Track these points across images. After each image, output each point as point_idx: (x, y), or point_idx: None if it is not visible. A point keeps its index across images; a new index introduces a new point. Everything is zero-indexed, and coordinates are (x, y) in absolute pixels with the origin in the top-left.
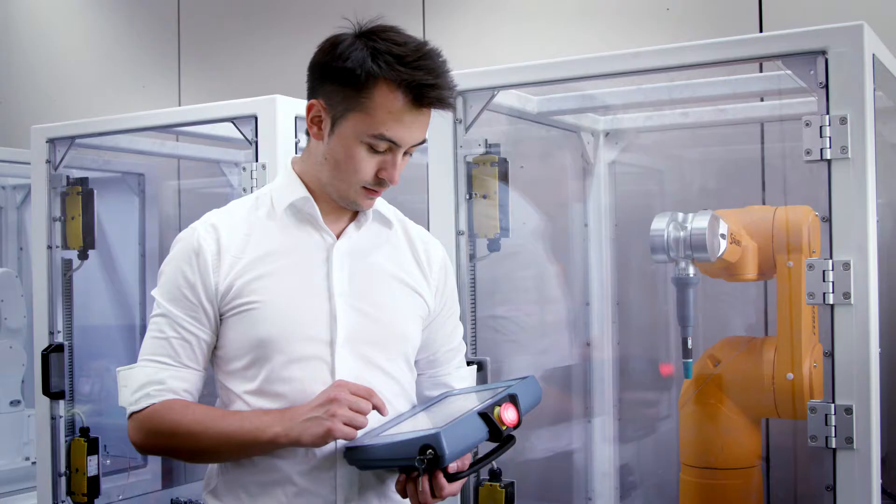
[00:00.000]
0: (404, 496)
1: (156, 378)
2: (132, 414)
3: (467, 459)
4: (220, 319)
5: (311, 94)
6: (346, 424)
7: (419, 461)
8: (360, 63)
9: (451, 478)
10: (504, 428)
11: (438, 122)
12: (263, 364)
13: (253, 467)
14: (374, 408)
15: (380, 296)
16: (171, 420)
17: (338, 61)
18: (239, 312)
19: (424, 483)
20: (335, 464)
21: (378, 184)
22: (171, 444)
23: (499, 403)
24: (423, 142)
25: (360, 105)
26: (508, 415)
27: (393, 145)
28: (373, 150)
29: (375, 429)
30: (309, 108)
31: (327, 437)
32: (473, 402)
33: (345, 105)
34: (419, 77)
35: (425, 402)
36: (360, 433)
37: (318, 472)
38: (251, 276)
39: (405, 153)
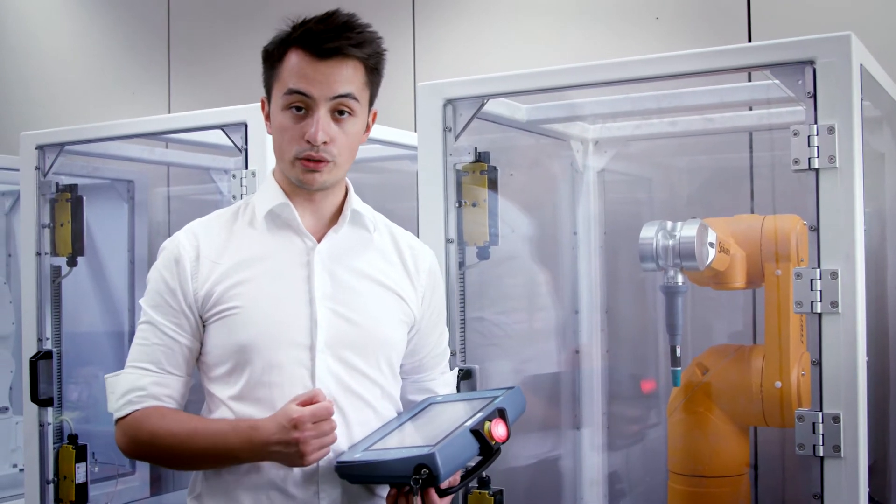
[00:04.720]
0: None
1: (138, 384)
2: (118, 420)
3: (458, 473)
4: (204, 326)
5: None
6: (317, 448)
7: (415, 481)
8: (274, 41)
9: (443, 493)
10: (494, 443)
11: (428, 130)
12: (244, 369)
13: (237, 473)
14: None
15: (361, 300)
16: (149, 429)
17: (264, 51)
18: (220, 318)
19: (417, 501)
20: (318, 471)
21: (308, 148)
22: (151, 452)
23: (489, 419)
24: (348, 96)
25: (276, 76)
26: (499, 430)
27: (306, 98)
28: (295, 113)
29: (363, 441)
30: (262, 109)
31: (303, 464)
32: (461, 413)
33: (270, 84)
34: (313, 29)
35: (410, 410)
36: (347, 446)
37: (302, 478)
38: (231, 282)
39: (337, 115)
